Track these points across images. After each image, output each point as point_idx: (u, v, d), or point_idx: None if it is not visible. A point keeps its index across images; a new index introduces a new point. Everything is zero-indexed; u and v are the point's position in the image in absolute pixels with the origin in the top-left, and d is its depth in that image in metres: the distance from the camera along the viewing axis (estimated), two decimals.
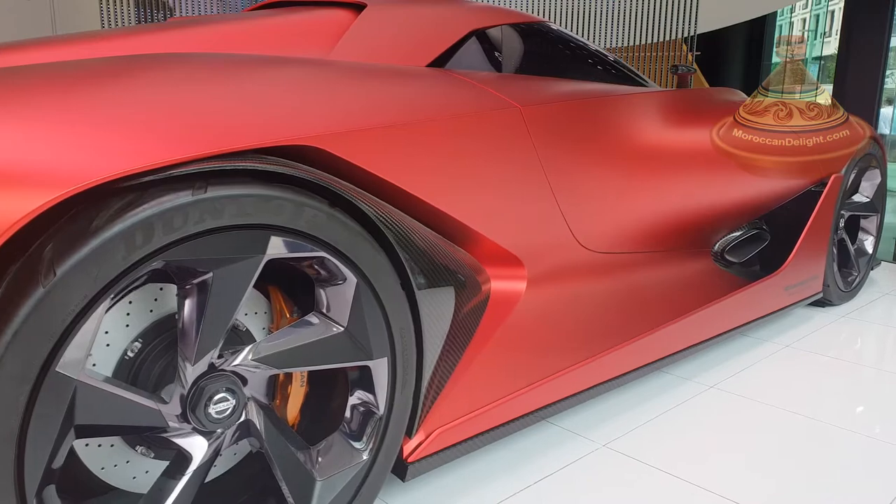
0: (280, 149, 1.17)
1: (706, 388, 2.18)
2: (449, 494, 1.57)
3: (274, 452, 1.21)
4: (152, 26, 1.55)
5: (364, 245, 1.22)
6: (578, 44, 2.38)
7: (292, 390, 1.34)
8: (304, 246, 1.14)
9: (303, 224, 1.12)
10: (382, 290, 1.27)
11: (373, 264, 1.24)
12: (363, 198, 1.25)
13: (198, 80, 1.16)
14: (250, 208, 1.06)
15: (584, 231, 2.01)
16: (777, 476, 1.66)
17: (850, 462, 1.74)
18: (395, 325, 1.30)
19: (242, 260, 1.08)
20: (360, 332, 1.25)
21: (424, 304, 1.38)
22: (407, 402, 1.36)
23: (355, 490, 1.30)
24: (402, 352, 1.33)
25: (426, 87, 1.58)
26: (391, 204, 1.43)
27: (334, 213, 1.17)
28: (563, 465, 1.70)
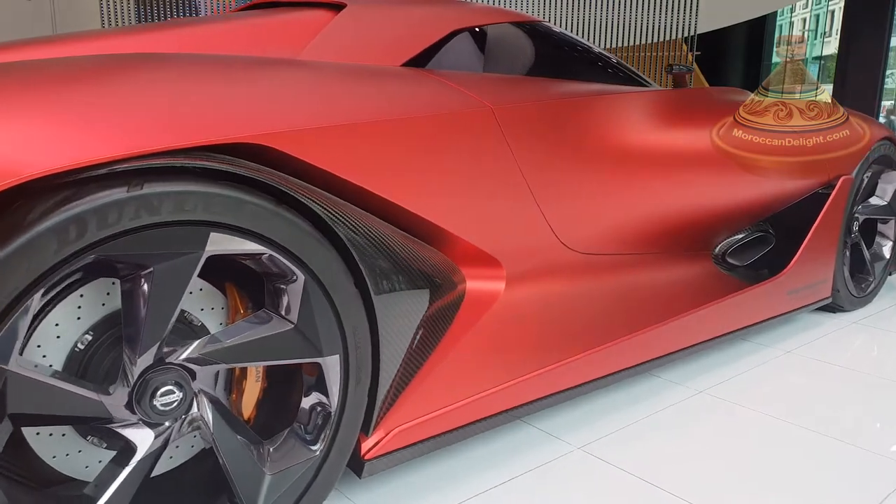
0: (234, 146, 1.19)
1: (695, 392, 2.14)
2: (413, 492, 1.57)
3: (222, 446, 1.23)
4: (127, 29, 1.59)
5: (312, 243, 1.23)
6: (574, 44, 2.36)
7: (247, 385, 1.35)
8: (246, 242, 1.15)
9: (244, 221, 1.14)
10: (333, 288, 1.27)
11: (322, 262, 1.25)
12: (316, 196, 1.26)
13: (144, 79, 1.19)
14: (189, 205, 1.08)
15: (568, 232, 1.99)
16: (752, 485, 1.62)
17: (832, 472, 1.69)
18: (348, 323, 1.31)
19: (182, 255, 1.10)
20: (309, 330, 1.26)
21: (383, 303, 1.38)
22: (362, 400, 1.37)
23: (306, 485, 1.31)
24: (356, 350, 1.33)
25: (393, 87, 1.58)
26: (356, 204, 1.44)
27: (279, 211, 1.18)
28: (532, 467, 1.69)
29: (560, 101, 1.90)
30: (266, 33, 1.66)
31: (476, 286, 1.82)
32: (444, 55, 1.91)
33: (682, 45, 5.96)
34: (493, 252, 1.81)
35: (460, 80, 1.76)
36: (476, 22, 2.02)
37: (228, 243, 1.14)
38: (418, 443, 1.52)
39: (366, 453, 1.43)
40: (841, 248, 2.83)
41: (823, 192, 2.73)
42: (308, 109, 1.31)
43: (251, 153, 1.22)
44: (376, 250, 1.37)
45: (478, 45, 2.01)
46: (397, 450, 1.48)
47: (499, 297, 1.85)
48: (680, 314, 2.16)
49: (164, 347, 1.16)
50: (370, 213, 1.48)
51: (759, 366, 2.38)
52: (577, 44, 2.38)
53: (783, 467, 1.70)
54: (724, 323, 2.34)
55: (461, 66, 1.94)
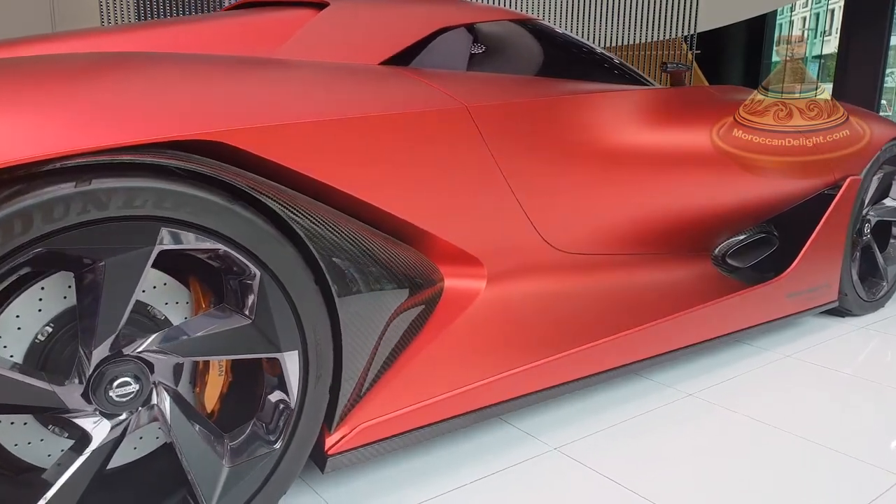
0: (193, 143, 1.21)
1: (684, 395, 2.11)
2: (384, 487, 1.58)
3: (179, 437, 1.25)
4: (106, 28, 1.63)
5: (267, 239, 1.25)
6: (569, 42, 2.34)
7: (210, 379, 1.38)
8: (199, 238, 1.17)
9: (195, 217, 1.16)
10: (291, 285, 1.29)
11: (279, 259, 1.26)
12: (274, 193, 1.27)
13: (98, 77, 1.21)
14: (139, 201, 1.10)
15: (553, 232, 1.98)
16: (729, 492, 1.60)
17: (812, 479, 1.65)
18: (307, 319, 1.32)
19: (133, 250, 1.12)
20: (267, 325, 1.28)
21: (346, 300, 1.39)
22: (322, 396, 1.38)
23: (265, 478, 1.33)
24: (316, 346, 1.34)
25: (364, 85, 1.59)
26: (327, 202, 1.45)
27: (232, 207, 1.19)
28: (505, 466, 1.68)
29: (542, 99, 1.89)
30: (245, 32, 1.68)
31: (455, 284, 1.82)
32: (428, 54, 1.91)
33: (681, 44, 5.92)
34: (472, 251, 1.81)
35: (438, 78, 1.76)
36: (463, 20, 2.02)
37: (180, 239, 1.16)
38: (385, 439, 1.53)
39: (329, 449, 1.44)
40: (848, 250, 2.76)
41: (829, 193, 2.66)
42: (268, 106, 1.33)
43: (211, 150, 1.24)
44: (341, 248, 1.38)
45: (464, 44, 2.01)
46: (361, 446, 1.49)
47: (479, 295, 1.85)
48: (670, 315, 2.13)
49: (122, 340, 1.19)
50: (341, 211, 1.50)
51: (754, 369, 2.34)
52: (573, 42, 2.36)
53: (764, 474, 1.67)
54: (719, 325, 2.30)
55: (446, 65, 1.94)
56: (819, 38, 11.50)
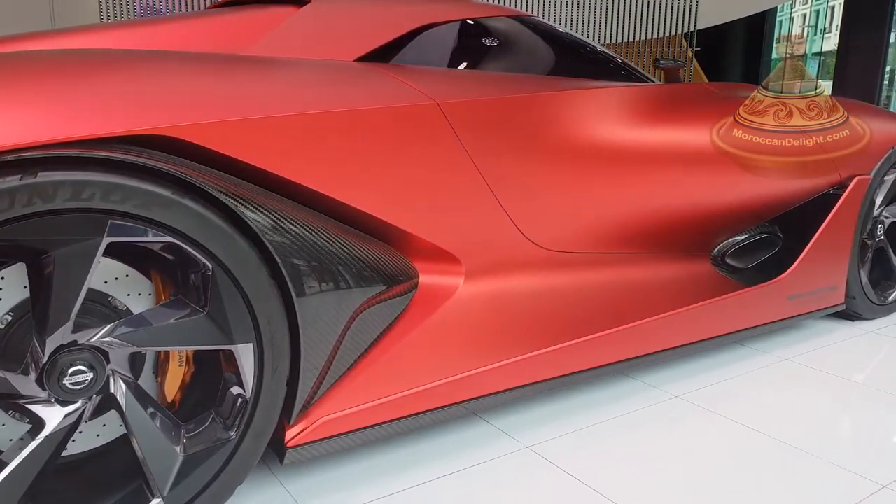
0: (147, 138, 1.23)
1: (670, 397, 2.08)
2: (350, 481, 1.59)
3: (135, 425, 1.28)
4: (86, 27, 1.67)
5: (219, 233, 1.26)
6: (562, 38, 2.32)
7: (170, 369, 1.40)
8: (147, 231, 1.20)
9: (143, 210, 1.18)
10: (244, 278, 1.30)
11: (231, 252, 1.28)
12: (229, 187, 1.29)
13: (53, 72, 1.25)
14: (86, 193, 1.13)
15: (537, 230, 1.97)
16: (700, 496, 1.57)
17: (790, 485, 1.61)
18: (261, 312, 1.33)
19: (81, 241, 1.15)
20: (220, 317, 1.30)
21: (304, 294, 1.40)
22: (279, 389, 1.40)
23: (220, 468, 1.35)
24: (271, 339, 1.36)
25: (332, 81, 1.60)
26: (293, 198, 1.47)
27: (181, 201, 1.22)
28: (472, 464, 1.68)
29: (521, 96, 1.87)
30: (221, 30, 1.71)
31: (430, 281, 1.82)
32: (410, 51, 1.92)
33: (681, 41, 5.86)
34: (448, 248, 1.81)
35: (412, 74, 1.76)
36: (449, 17, 2.02)
37: (129, 231, 1.19)
38: (347, 434, 1.54)
39: (289, 441, 1.46)
40: (855, 252, 2.68)
41: (836, 192, 2.59)
42: (227, 102, 1.35)
43: (171, 145, 1.27)
44: (300, 243, 1.39)
45: (448, 41, 2.00)
46: (322, 440, 1.50)
47: (455, 292, 1.85)
48: (657, 315, 2.09)
49: (76, 329, 1.22)
50: (310, 208, 1.52)
51: (748, 372, 2.29)
52: (567, 39, 2.34)
53: (738, 479, 1.63)
54: (711, 326, 2.25)
55: (428, 62, 1.94)
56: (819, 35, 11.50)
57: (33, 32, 1.60)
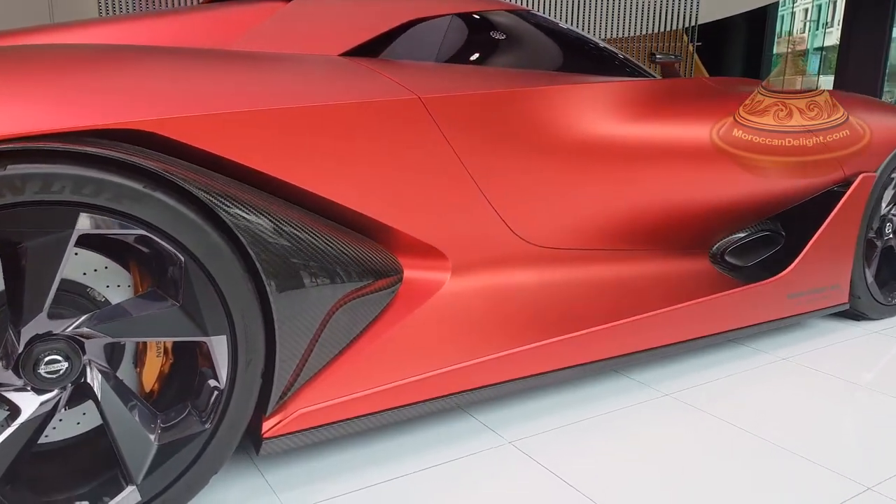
0: (124, 132, 1.26)
1: (660, 395, 2.06)
2: (330, 472, 1.61)
3: (110, 414, 1.30)
4: (83, 21, 1.69)
5: (191, 226, 1.28)
6: (558, 33, 2.31)
7: (148, 360, 1.43)
8: (118, 224, 1.22)
9: (114, 203, 1.20)
10: (217, 272, 1.32)
11: (203, 245, 1.30)
12: (203, 181, 1.31)
13: (29, 66, 1.27)
14: (56, 186, 1.15)
15: (526, 227, 1.97)
16: (682, 496, 1.56)
17: (772, 485, 1.59)
18: (235, 305, 1.35)
19: (52, 234, 1.17)
20: (193, 310, 1.32)
21: (280, 289, 1.41)
22: (253, 381, 1.41)
23: (194, 458, 1.37)
24: (245, 332, 1.37)
25: (313, 75, 1.61)
26: (276, 193, 1.49)
27: (153, 194, 1.23)
28: (452, 458, 1.68)
29: (509, 91, 1.87)
30: (208, 25, 1.72)
31: (416, 276, 1.83)
32: (397, 45, 1.92)
33: (682, 36, 5.82)
34: (434, 243, 1.82)
35: (395, 68, 1.77)
36: (439, 11, 2.01)
37: (100, 224, 1.21)
38: (324, 426, 1.55)
39: (265, 432, 1.47)
40: (860, 251, 2.62)
41: (840, 190, 2.54)
42: (201, 97, 1.36)
43: (142, 139, 1.29)
44: (275, 236, 1.40)
45: (437, 36, 2.00)
46: (299, 431, 1.51)
47: (442, 287, 1.86)
48: (649, 312, 2.07)
49: (52, 319, 1.24)
50: (292, 202, 1.53)
51: (744, 371, 2.26)
52: (563, 33, 2.32)
53: (720, 478, 1.62)
54: (706, 324, 2.23)
55: (415, 57, 1.94)
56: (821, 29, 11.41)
57: (19, 28, 1.63)
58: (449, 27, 2.02)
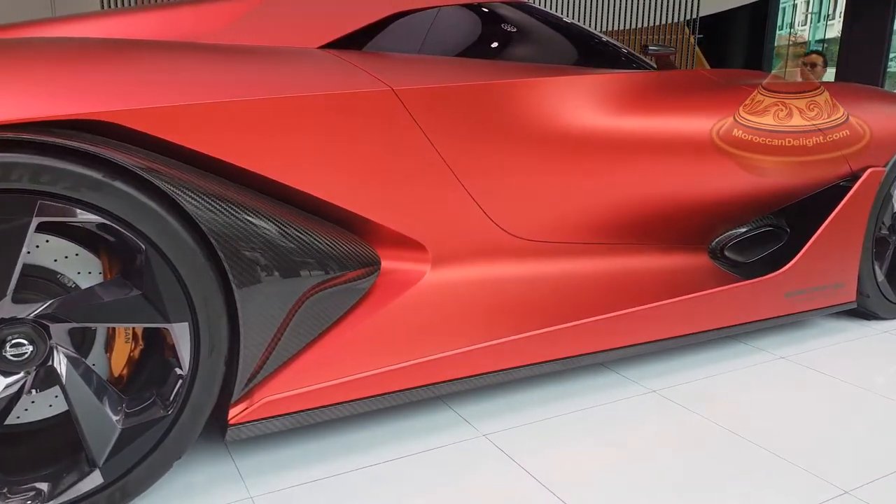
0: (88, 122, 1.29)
1: (645, 391, 2.04)
2: (301, 460, 1.63)
3: (73, 397, 1.34)
4: (61, 18, 1.74)
5: (151, 215, 1.30)
6: (546, 24, 2.28)
7: (117, 345, 1.46)
8: (78, 212, 1.25)
9: (74, 192, 1.23)
10: (178, 260, 1.34)
11: (163, 234, 1.32)
12: (167, 171, 1.33)
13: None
14: (15, 175, 1.19)
15: (510, 220, 1.96)
16: (654, 496, 1.54)
17: (748, 487, 1.56)
18: (196, 293, 1.37)
19: (10, 221, 1.21)
20: (155, 297, 1.34)
21: (244, 278, 1.42)
22: (216, 368, 1.43)
23: (156, 442, 1.40)
24: (208, 319, 1.39)
25: (284, 67, 1.62)
26: (246, 183, 1.51)
27: (111, 183, 1.26)
28: (424, 449, 1.69)
29: (490, 83, 1.85)
30: (192, 18, 1.75)
31: (395, 267, 1.84)
32: (381, 38, 1.92)
33: (684, 28, 5.75)
34: (414, 235, 1.82)
35: (373, 61, 1.77)
36: (426, 4, 2.01)
37: (59, 212, 1.24)
38: (291, 414, 1.57)
39: (231, 418, 1.50)
40: (868, 248, 2.54)
41: (846, 185, 2.46)
42: (168, 88, 1.39)
43: (108, 130, 1.32)
44: (241, 225, 1.42)
45: (422, 28, 1.99)
46: (266, 418, 1.53)
47: (421, 279, 1.86)
48: (635, 307, 2.04)
49: (17, 304, 1.28)
50: (265, 194, 1.55)
51: (738, 369, 2.22)
52: (552, 24, 2.29)
53: (694, 477, 1.59)
54: (697, 320, 2.18)
55: (399, 49, 1.94)
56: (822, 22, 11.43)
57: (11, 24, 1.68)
58: (435, 19, 2.02)
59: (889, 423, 1.88)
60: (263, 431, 1.54)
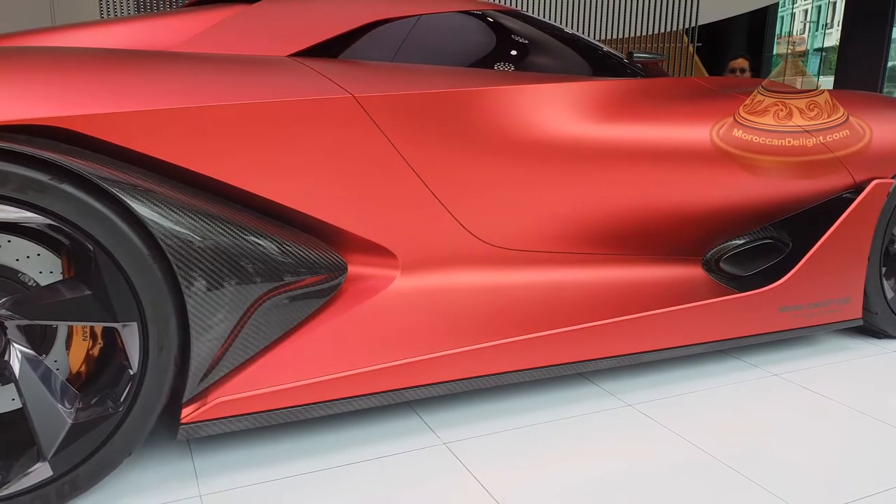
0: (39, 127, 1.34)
1: (621, 405, 1.99)
2: (262, 460, 1.65)
3: (26, 390, 1.39)
4: (47, 28, 1.81)
5: (98, 217, 1.34)
6: (527, 31, 2.26)
7: (75, 342, 1.51)
8: (23, 213, 1.30)
9: (21, 194, 1.28)
10: (125, 261, 1.38)
11: (111, 236, 1.36)
12: (116, 174, 1.37)
13: None
14: None
15: (483, 228, 1.95)
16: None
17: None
18: (144, 294, 1.41)
19: None
20: (103, 297, 1.38)
21: (195, 279, 1.45)
22: (166, 368, 1.46)
23: (105, 438, 1.43)
24: (156, 320, 1.43)
25: (246, 75, 1.65)
26: (200, 187, 1.55)
27: (59, 186, 1.30)
28: (380, 455, 1.69)
29: (458, 91, 1.85)
30: (167, 28, 1.80)
31: (361, 272, 1.85)
32: (358, 47, 1.94)
33: (682, 37, 5.66)
34: (379, 241, 1.83)
35: (340, 69, 1.79)
36: (404, 13, 2.02)
37: (8, 213, 1.29)
38: (245, 415, 1.59)
39: (183, 418, 1.53)
40: (876, 262, 2.44)
41: (849, 197, 2.37)
42: (121, 94, 1.43)
43: (60, 134, 1.37)
44: (193, 229, 1.45)
45: (397, 37, 2.00)
46: (219, 419, 1.56)
47: (389, 285, 1.87)
48: (612, 318, 2.00)
49: None
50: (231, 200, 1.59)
51: (724, 385, 2.15)
52: (535, 32, 2.27)
53: (649, 495, 1.55)
54: (678, 334, 2.12)
55: (376, 58, 1.96)
56: (821, 30, 11.57)
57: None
58: (413, 28, 2.03)
59: (871, 446, 1.80)
60: (216, 431, 1.56)
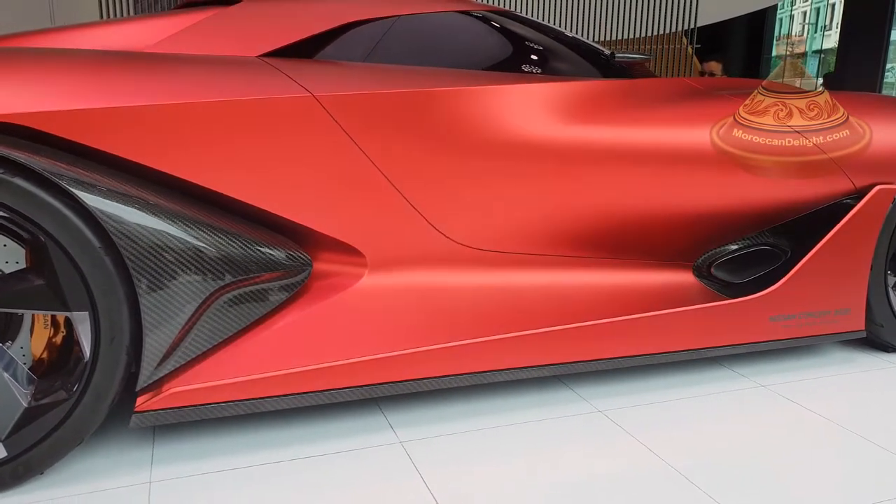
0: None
1: (591, 411, 1.96)
2: (218, 451, 1.69)
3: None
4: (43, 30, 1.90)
5: (50, 210, 1.40)
6: (508, 31, 2.25)
7: (36, 330, 1.58)
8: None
9: None
10: (76, 253, 1.44)
11: (63, 228, 1.42)
12: (69, 169, 1.43)
13: None
14: None
15: (454, 228, 1.96)
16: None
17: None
18: (95, 284, 1.46)
19: None
20: (56, 287, 1.44)
21: (146, 272, 1.50)
22: (118, 356, 1.51)
23: (57, 423, 1.49)
24: (108, 310, 1.48)
25: (209, 74, 1.69)
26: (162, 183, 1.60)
27: (10, 180, 1.37)
28: (337, 451, 1.71)
29: (423, 91, 1.85)
30: (159, 29, 1.86)
31: (326, 269, 1.88)
32: (331, 47, 1.97)
33: (681, 38, 5.51)
34: (345, 239, 1.85)
35: (304, 68, 1.81)
36: (381, 13, 2.04)
37: None
38: (199, 406, 1.63)
39: (137, 406, 1.58)
40: (879, 272, 2.33)
41: (849, 203, 2.27)
42: (79, 93, 1.49)
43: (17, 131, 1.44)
44: (146, 223, 1.50)
45: (372, 38, 2.02)
46: (172, 408, 1.60)
47: (356, 283, 1.89)
48: (586, 321, 1.97)
49: None
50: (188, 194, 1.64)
51: (706, 396, 2.09)
52: (513, 32, 2.26)
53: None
54: (658, 340, 2.07)
55: (349, 58, 1.98)
56: (819, 32, 11.63)
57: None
58: (389, 29, 2.04)
59: (847, 464, 1.72)
60: (169, 420, 1.61)
